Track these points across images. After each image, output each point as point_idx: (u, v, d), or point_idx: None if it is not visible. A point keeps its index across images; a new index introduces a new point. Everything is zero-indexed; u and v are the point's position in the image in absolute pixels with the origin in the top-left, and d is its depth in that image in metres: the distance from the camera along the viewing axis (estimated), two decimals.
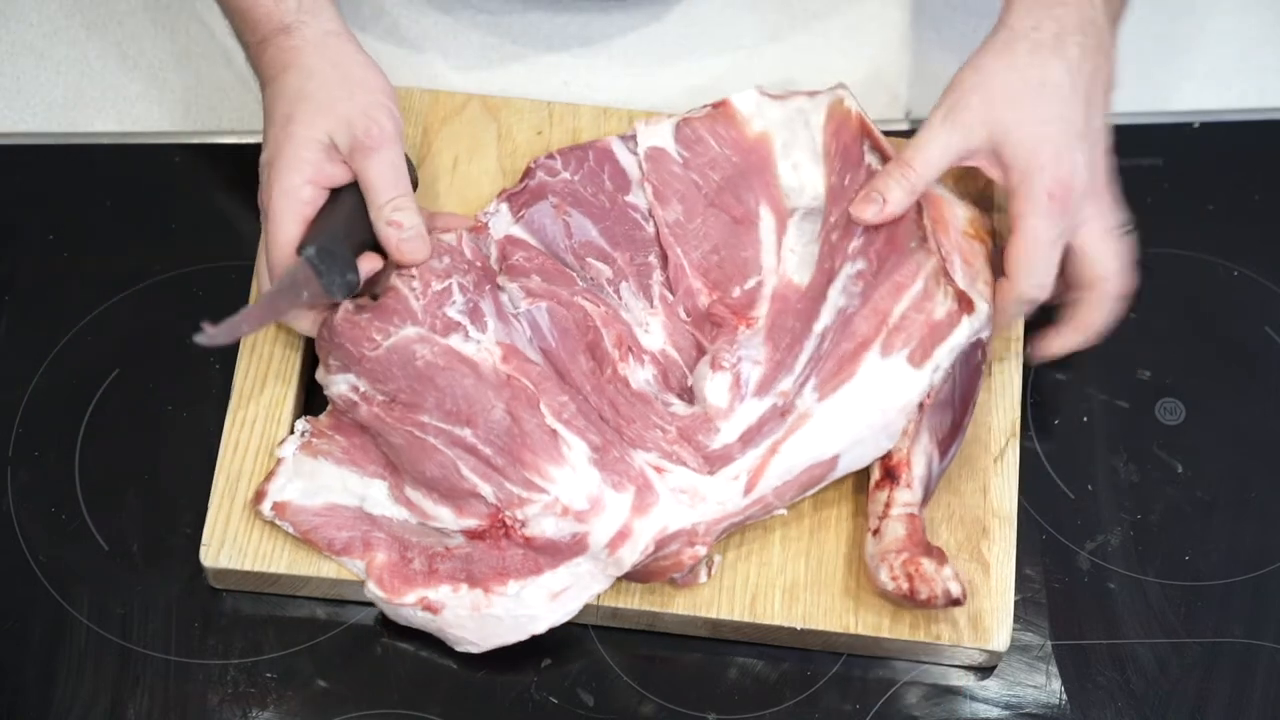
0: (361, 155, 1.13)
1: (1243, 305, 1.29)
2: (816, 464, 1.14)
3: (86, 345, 1.25)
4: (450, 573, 1.12)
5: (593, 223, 1.21)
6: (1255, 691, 1.17)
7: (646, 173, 1.22)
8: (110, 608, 1.17)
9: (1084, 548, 1.21)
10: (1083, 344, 1.17)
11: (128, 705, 1.15)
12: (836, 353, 1.14)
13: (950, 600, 1.11)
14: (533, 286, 1.16)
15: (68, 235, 1.28)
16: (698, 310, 1.20)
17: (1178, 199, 1.32)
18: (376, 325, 1.13)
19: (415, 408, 1.13)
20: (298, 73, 1.14)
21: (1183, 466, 1.24)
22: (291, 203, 1.13)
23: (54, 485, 1.20)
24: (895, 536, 1.12)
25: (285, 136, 1.13)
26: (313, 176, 1.13)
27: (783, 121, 1.22)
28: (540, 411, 1.12)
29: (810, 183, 1.21)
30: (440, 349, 1.13)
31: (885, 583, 1.12)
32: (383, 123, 1.13)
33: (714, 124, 1.22)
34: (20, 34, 1.35)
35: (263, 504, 1.15)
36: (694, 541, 1.12)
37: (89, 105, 1.33)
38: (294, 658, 1.16)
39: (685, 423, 1.14)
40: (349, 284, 1.13)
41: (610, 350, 1.16)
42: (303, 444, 1.16)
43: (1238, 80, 1.36)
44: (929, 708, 1.16)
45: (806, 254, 1.19)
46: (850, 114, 1.20)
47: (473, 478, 1.12)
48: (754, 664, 1.17)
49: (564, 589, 1.12)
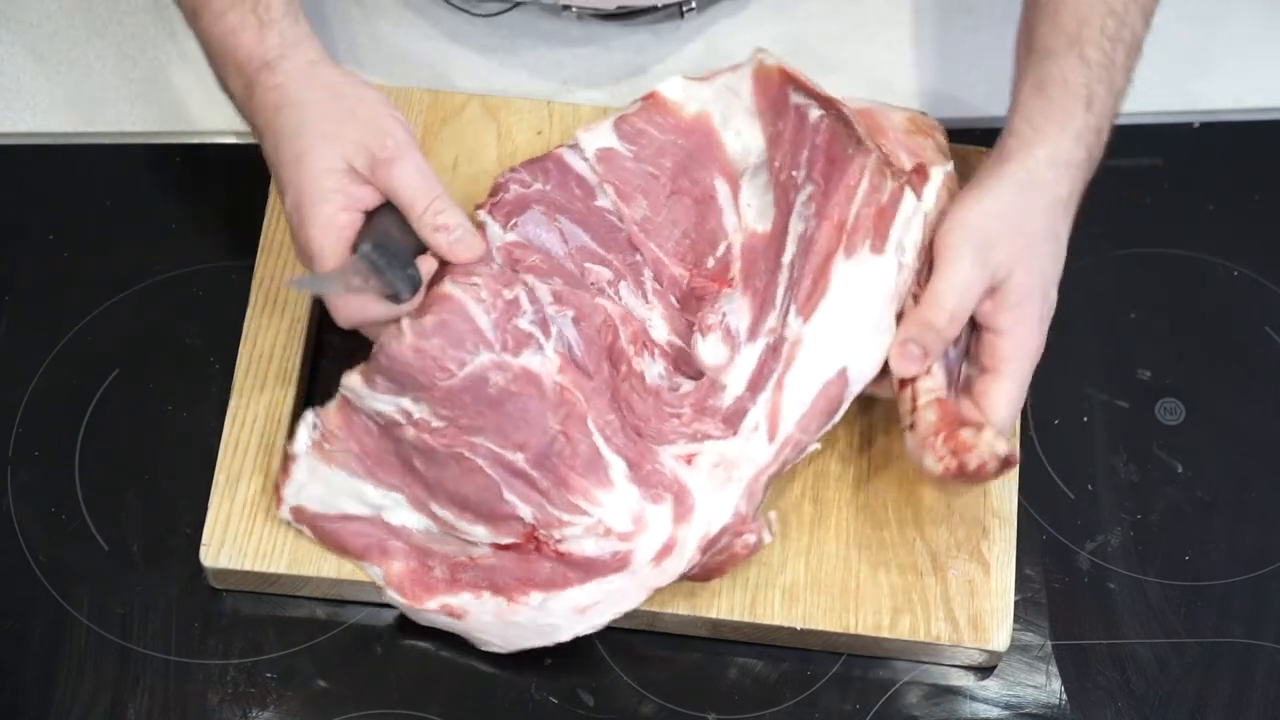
0: (385, 170, 1.09)
1: (1243, 305, 1.29)
2: (828, 384, 1.13)
3: (86, 345, 1.25)
4: (473, 581, 1.12)
5: (581, 228, 1.20)
6: (1255, 691, 1.18)
7: (603, 174, 1.21)
8: (110, 608, 1.17)
9: (1084, 548, 1.21)
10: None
11: (128, 705, 1.15)
12: (807, 273, 1.15)
13: (1002, 463, 1.08)
14: (559, 290, 1.15)
15: (68, 235, 1.28)
16: (684, 294, 1.20)
17: (1178, 199, 1.32)
18: (450, 354, 1.09)
19: (474, 431, 1.10)
20: (291, 109, 1.11)
21: (1183, 466, 1.24)
22: (332, 233, 1.09)
23: (54, 485, 1.20)
24: (929, 423, 1.10)
25: (302, 176, 1.10)
26: (344, 204, 1.09)
27: (714, 98, 1.23)
28: (589, 429, 1.11)
29: (754, 142, 1.22)
30: (515, 373, 1.10)
31: (933, 467, 1.10)
32: (395, 132, 1.11)
33: (650, 115, 1.23)
34: (20, 34, 1.35)
35: (281, 508, 1.14)
36: (741, 531, 1.12)
37: (89, 105, 1.32)
38: (294, 658, 1.16)
39: (695, 396, 1.15)
40: (412, 279, 1.09)
41: (625, 347, 1.16)
42: (314, 444, 1.14)
43: (1238, 80, 1.36)
44: (929, 708, 1.16)
45: (763, 203, 1.20)
46: (768, 68, 1.21)
47: (514, 500, 1.11)
48: (754, 664, 1.17)
49: (592, 604, 1.11)
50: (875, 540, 1.17)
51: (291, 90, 1.11)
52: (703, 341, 1.16)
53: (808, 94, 1.19)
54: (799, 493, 1.18)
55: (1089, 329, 1.26)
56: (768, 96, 1.21)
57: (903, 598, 1.16)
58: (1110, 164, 1.17)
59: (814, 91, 1.19)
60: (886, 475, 1.19)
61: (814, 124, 1.18)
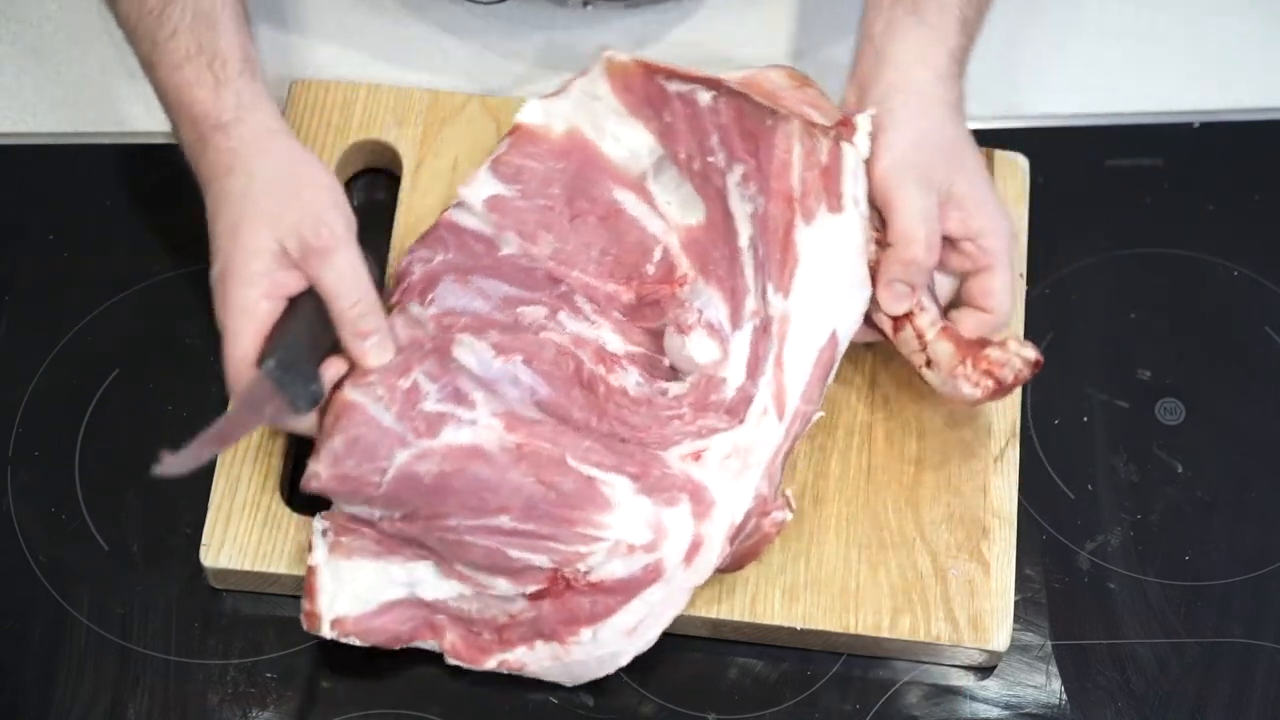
0: (316, 260, 1.08)
1: (1243, 305, 1.29)
2: (822, 350, 1.14)
3: (86, 345, 1.24)
4: (522, 635, 1.11)
5: (498, 280, 1.18)
6: (1255, 691, 1.17)
7: (499, 223, 1.19)
8: (110, 608, 1.17)
9: (1084, 548, 1.21)
10: (997, 324, 1.16)
11: (128, 705, 1.15)
12: (773, 250, 1.15)
13: (1034, 366, 1.12)
14: (499, 341, 1.14)
15: (68, 235, 1.28)
16: (628, 306, 1.19)
17: (1178, 199, 1.32)
18: (368, 468, 1.09)
19: (440, 516, 1.10)
20: (239, 176, 1.10)
21: (1183, 466, 1.24)
22: (248, 320, 1.08)
23: (54, 485, 1.20)
24: (949, 353, 1.14)
25: (234, 249, 1.09)
26: (268, 290, 1.09)
27: (575, 110, 1.21)
28: (570, 467, 1.10)
29: (637, 141, 1.21)
30: (441, 454, 1.09)
31: (972, 394, 1.13)
32: (333, 223, 1.09)
33: (523, 148, 1.21)
34: (20, 34, 1.35)
35: (320, 627, 1.11)
36: (767, 510, 1.12)
37: (89, 105, 1.32)
38: (294, 658, 1.16)
39: (693, 395, 1.15)
40: (313, 395, 1.09)
41: (594, 368, 1.15)
42: (331, 546, 1.12)
43: (1238, 80, 1.36)
44: (929, 708, 1.16)
45: (682, 197, 1.20)
46: (626, 65, 1.20)
47: (524, 555, 1.09)
48: (754, 664, 1.17)
49: (639, 622, 1.10)
50: (875, 540, 1.17)
51: (243, 156, 1.11)
52: (687, 342, 1.16)
53: (685, 80, 1.19)
54: (799, 493, 1.18)
55: (1089, 329, 1.26)
56: (635, 93, 1.20)
57: (903, 598, 1.16)
58: (1110, 164, 1.17)
59: (691, 76, 1.18)
60: (886, 475, 1.19)
61: (710, 107, 1.18)
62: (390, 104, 1.28)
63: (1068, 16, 1.38)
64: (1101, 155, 1.31)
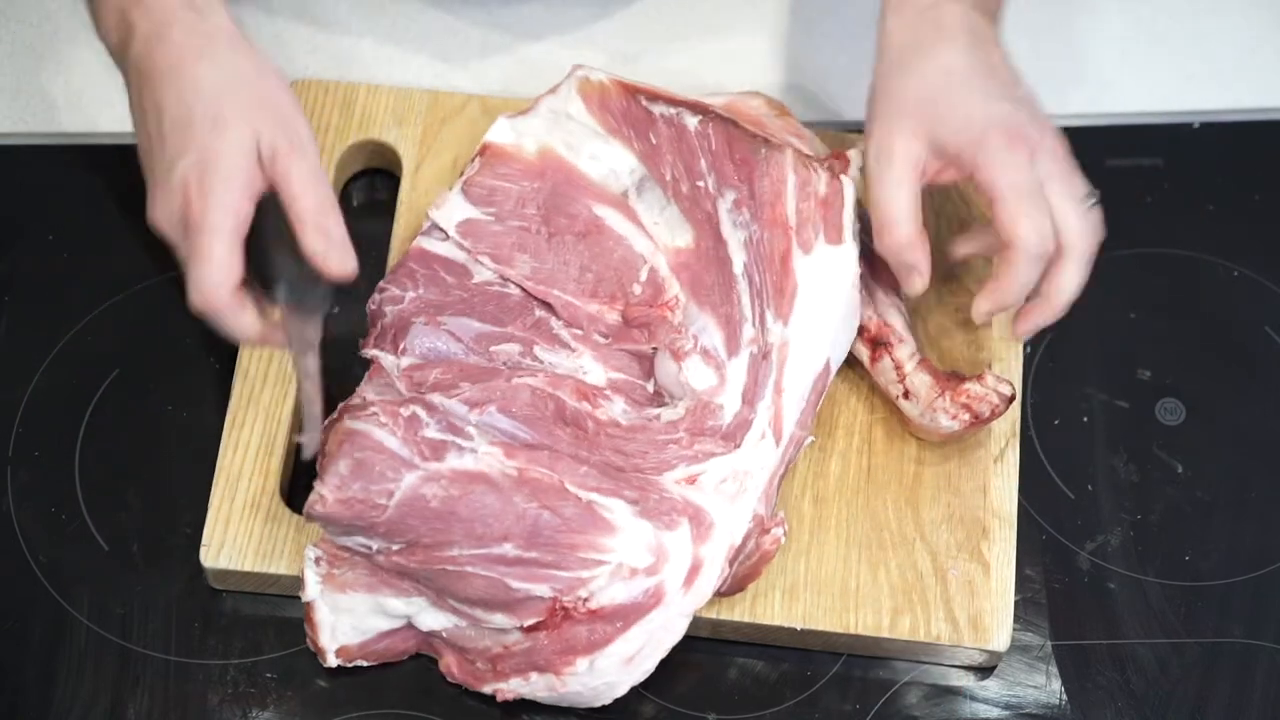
0: (285, 161, 1.05)
1: (1243, 305, 1.29)
2: (817, 378, 1.15)
3: (86, 345, 1.25)
4: (516, 667, 1.10)
5: (469, 318, 1.17)
6: (1255, 691, 1.17)
7: (473, 248, 1.18)
8: (110, 608, 1.17)
9: (1084, 548, 1.21)
10: (1057, 313, 1.13)
11: (128, 705, 1.15)
12: (770, 277, 1.15)
13: (1007, 400, 1.15)
14: (470, 396, 1.12)
15: (68, 235, 1.28)
16: (613, 327, 1.18)
17: (1178, 199, 1.32)
18: (374, 490, 1.07)
19: (444, 545, 1.09)
20: (214, 65, 1.05)
21: (1183, 466, 1.24)
22: (231, 222, 1.03)
23: (54, 485, 1.20)
24: (927, 385, 1.16)
25: (217, 140, 1.04)
26: (250, 192, 1.04)
27: (546, 128, 1.20)
28: (569, 492, 1.09)
29: (617, 161, 1.20)
30: (448, 478, 1.08)
31: (949, 426, 1.15)
32: (300, 128, 1.07)
33: (494, 169, 1.20)
34: (20, 34, 1.35)
35: (327, 659, 1.12)
36: (766, 528, 1.12)
37: (89, 105, 1.32)
38: (294, 658, 1.16)
39: (689, 421, 1.14)
40: (326, 296, 1.07)
41: (577, 405, 1.14)
42: (324, 578, 1.12)
43: (1238, 80, 1.36)
44: (929, 708, 1.16)
45: (669, 217, 1.19)
46: (603, 85, 1.20)
47: (524, 586, 1.09)
48: (754, 664, 1.17)
49: (637, 650, 1.10)
50: (875, 540, 1.17)
51: (220, 47, 1.07)
52: (683, 368, 1.15)
53: (669, 102, 1.19)
54: (799, 493, 1.18)
55: (1089, 329, 1.26)
56: (614, 113, 1.20)
57: (903, 598, 1.16)
58: (1110, 164, 1.17)
59: (675, 99, 1.18)
60: (886, 475, 1.19)
61: (699, 130, 1.18)
62: (390, 104, 1.28)
63: (1067, 17, 1.38)
64: (1101, 155, 1.31)
